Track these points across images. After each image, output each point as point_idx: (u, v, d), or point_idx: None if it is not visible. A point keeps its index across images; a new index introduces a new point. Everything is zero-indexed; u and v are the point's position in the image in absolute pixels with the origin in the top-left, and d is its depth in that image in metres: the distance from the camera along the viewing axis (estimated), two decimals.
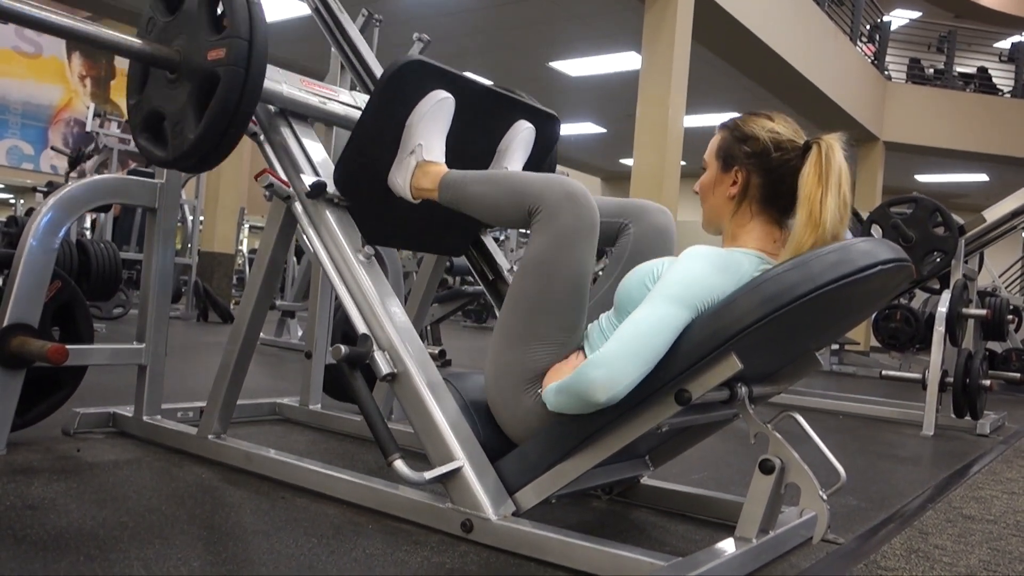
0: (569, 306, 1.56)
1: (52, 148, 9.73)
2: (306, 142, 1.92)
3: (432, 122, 1.81)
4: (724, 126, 1.60)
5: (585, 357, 1.56)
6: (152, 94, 1.82)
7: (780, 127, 1.53)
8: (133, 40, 1.76)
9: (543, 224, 1.58)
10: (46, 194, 7.08)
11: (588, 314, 1.63)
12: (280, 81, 1.92)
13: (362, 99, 2.15)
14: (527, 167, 2.05)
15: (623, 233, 1.82)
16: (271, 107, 1.93)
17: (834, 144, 1.46)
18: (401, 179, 1.83)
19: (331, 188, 1.83)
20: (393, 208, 1.91)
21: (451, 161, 1.84)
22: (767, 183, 1.52)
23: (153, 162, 1.85)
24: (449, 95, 1.82)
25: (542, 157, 2.14)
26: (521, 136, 2.01)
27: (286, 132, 1.92)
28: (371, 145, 1.82)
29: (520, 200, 1.63)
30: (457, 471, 1.56)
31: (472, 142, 1.96)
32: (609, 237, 1.82)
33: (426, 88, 1.80)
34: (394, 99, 1.78)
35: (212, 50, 1.68)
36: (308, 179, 1.82)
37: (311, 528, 1.57)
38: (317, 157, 1.90)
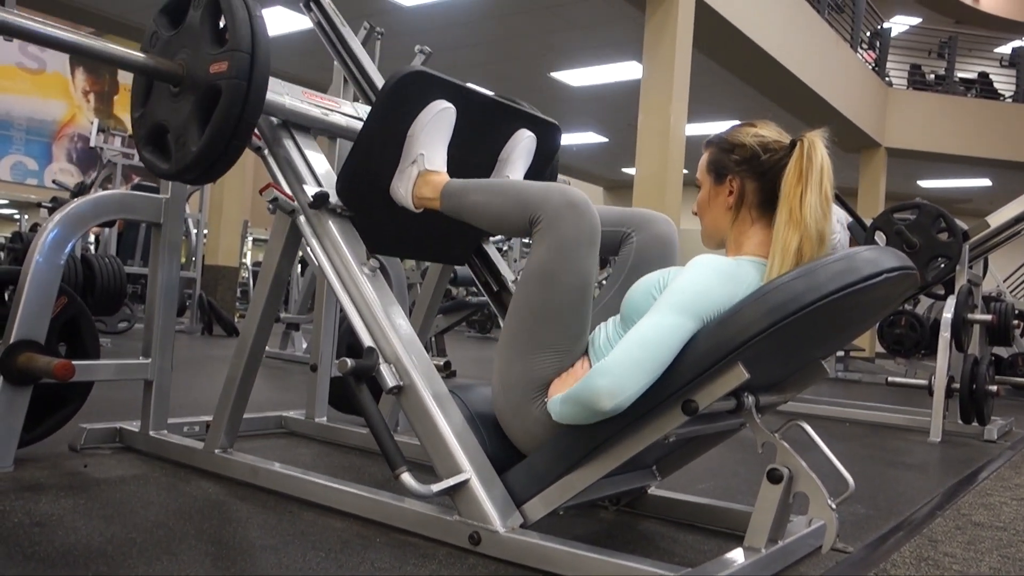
0: (573, 314, 1.57)
1: (54, 182, 9.76)
2: (308, 153, 1.93)
3: (434, 132, 1.82)
4: (710, 142, 1.62)
5: (590, 365, 1.57)
6: (156, 107, 1.84)
7: (763, 131, 1.55)
8: (137, 54, 1.77)
9: (544, 233, 1.58)
10: (51, 210, 7.11)
11: (592, 322, 1.63)
12: (283, 93, 1.93)
13: (364, 110, 2.16)
14: (528, 176, 2.06)
15: (626, 242, 1.83)
16: (274, 119, 1.94)
17: (816, 141, 1.47)
18: (403, 188, 1.85)
19: (334, 199, 1.84)
20: (396, 218, 1.92)
21: (453, 170, 1.84)
22: (761, 186, 1.53)
23: (157, 174, 1.86)
24: (450, 105, 1.83)
25: (543, 166, 2.15)
26: (522, 145, 2.03)
27: (289, 144, 1.93)
28: (373, 155, 1.83)
29: (521, 209, 1.63)
30: (464, 483, 1.55)
31: (474, 151, 1.97)
32: (611, 246, 1.83)
33: (428, 98, 1.81)
34: (396, 109, 1.79)
35: (214, 63, 1.70)
36: (311, 189, 1.82)
37: (318, 542, 1.56)
38: (320, 168, 1.91)
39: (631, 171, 8.23)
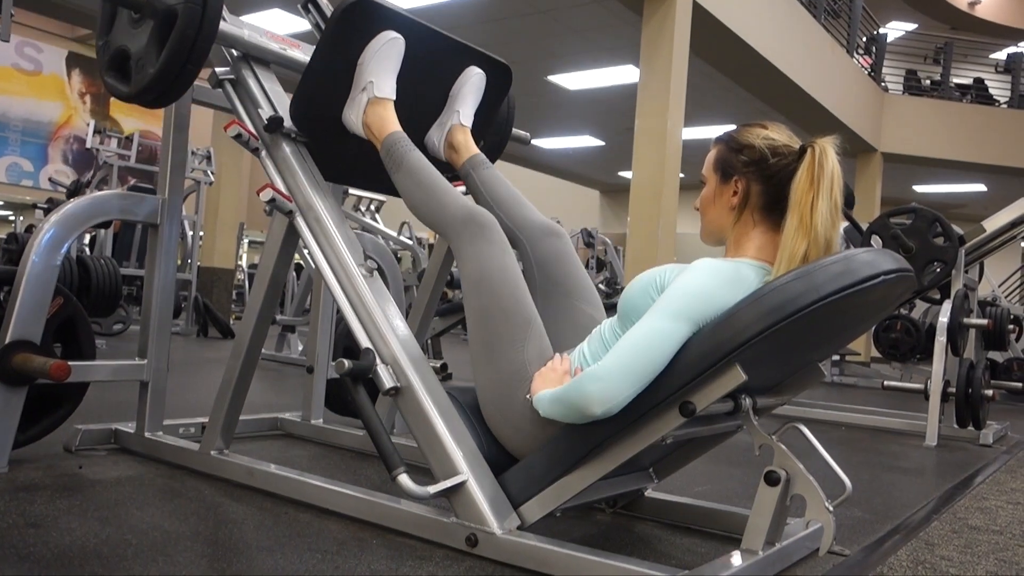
0: (516, 302, 1.65)
1: (51, 180, 9.76)
2: (267, 84, 2.01)
3: (383, 60, 1.88)
4: (719, 139, 1.61)
5: (571, 361, 1.59)
6: (118, 33, 1.93)
7: (774, 134, 1.55)
8: None
9: (460, 250, 1.71)
10: (47, 211, 7.09)
11: (545, 328, 1.69)
12: (242, 27, 2.01)
13: None
14: (479, 113, 2.11)
15: (519, 247, 1.90)
16: (234, 51, 2.02)
17: (827, 148, 1.47)
18: (354, 115, 1.92)
19: (288, 123, 1.91)
20: (350, 146, 1.98)
21: (404, 103, 1.91)
22: (767, 190, 1.53)
23: (117, 97, 1.93)
24: (399, 35, 1.89)
25: (494, 105, 2.21)
26: (472, 81, 2.07)
27: (247, 74, 2.01)
28: (324, 82, 1.90)
29: (435, 220, 1.77)
30: (461, 485, 1.55)
31: (424, 85, 2.02)
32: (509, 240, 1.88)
33: (376, 28, 1.88)
34: (344, 37, 1.86)
35: None
36: (266, 113, 1.90)
37: (315, 544, 1.56)
38: (277, 97, 1.98)
39: (628, 175, 8.25)
